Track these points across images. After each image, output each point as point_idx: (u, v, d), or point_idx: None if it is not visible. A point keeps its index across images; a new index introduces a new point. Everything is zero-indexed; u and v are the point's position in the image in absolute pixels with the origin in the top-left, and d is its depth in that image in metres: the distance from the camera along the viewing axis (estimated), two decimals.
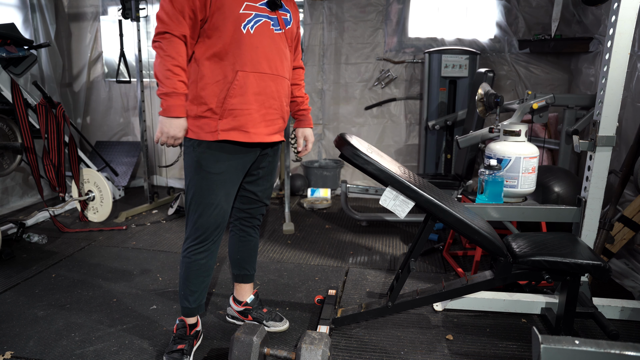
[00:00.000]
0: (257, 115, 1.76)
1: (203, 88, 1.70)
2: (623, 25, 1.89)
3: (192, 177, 1.79)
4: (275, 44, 1.75)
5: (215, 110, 1.71)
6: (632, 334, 2.07)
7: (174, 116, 1.66)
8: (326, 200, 4.17)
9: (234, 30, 1.66)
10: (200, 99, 1.71)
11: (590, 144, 2.04)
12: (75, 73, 4.68)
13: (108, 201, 3.59)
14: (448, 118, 3.93)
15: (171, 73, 1.62)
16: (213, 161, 1.76)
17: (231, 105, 1.71)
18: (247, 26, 1.68)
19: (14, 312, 2.26)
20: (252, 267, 2.13)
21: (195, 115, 1.73)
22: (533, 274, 1.86)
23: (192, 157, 1.77)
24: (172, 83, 1.63)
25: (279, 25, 1.76)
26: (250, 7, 1.68)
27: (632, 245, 2.69)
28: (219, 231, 1.85)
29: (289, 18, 1.81)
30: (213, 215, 1.80)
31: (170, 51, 1.62)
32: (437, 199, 1.79)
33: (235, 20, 1.66)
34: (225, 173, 1.78)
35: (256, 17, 1.69)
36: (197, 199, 1.79)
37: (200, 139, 1.74)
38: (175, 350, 1.87)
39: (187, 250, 1.85)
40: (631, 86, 2.90)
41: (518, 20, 4.07)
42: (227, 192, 1.81)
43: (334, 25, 4.38)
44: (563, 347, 1.17)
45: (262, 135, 1.79)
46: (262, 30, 1.71)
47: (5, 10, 3.89)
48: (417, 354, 1.94)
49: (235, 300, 2.16)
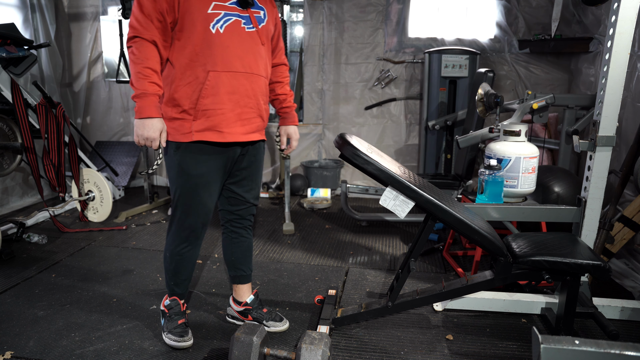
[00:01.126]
0: (231, 115, 1.76)
1: (176, 90, 1.73)
2: (623, 25, 1.89)
3: (176, 180, 1.83)
4: (247, 42, 1.75)
5: (189, 112, 1.73)
6: (632, 334, 2.07)
7: (145, 117, 1.67)
8: (326, 200, 4.17)
9: (203, 31, 1.68)
10: (174, 101, 1.74)
11: (590, 144, 2.04)
12: (75, 73, 4.68)
13: (108, 201, 3.59)
14: (448, 118, 3.93)
15: (141, 75, 1.64)
16: (193, 164, 1.79)
17: (204, 105, 1.72)
18: (216, 26, 1.68)
19: (14, 312, 2.26)
20: (247, 267, 2.13)
21: (170, 117, 1.76)
22: (533, 274, 1.86)
23: (173, 160, 1.81)
24: (142, 85, 1.65)
25: (252, 23, 1.76)
26: (219, 6, 1.68)
27: (632, 245, 2.69)
28: (204, 227, 1.93)
29: (262, 15, 1.80)
30: (199, 215, 1.86)
31: (140, 54, 1.64)
32: (437, 199, 1.79)
33: (204, 20, 1.67)
34: (206, 174, 1.81)
35: (225, 17, 1.69)
36: (182, 200, 1.84)
37: (176, 140, 1.77)
38: (177, 325, 1.96)
39: (174, 249, 1.92)
40: (631, 86, 2.90)
41: (518, 20, 4.07)
42: (210, 191, 1.85)
43: (334, 25, 4.38)
44: (563, 347, 1.17)
45: (237, 134, 1.80)
46: (233, 29, 1.71)
47: (5, 10, 3.89)
48: (417, 354, 1.94)
49: (234, 301, 2.17)
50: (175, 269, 1.96)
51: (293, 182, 4.35)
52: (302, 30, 4.53)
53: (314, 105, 4.59)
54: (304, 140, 4.66)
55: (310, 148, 4.69)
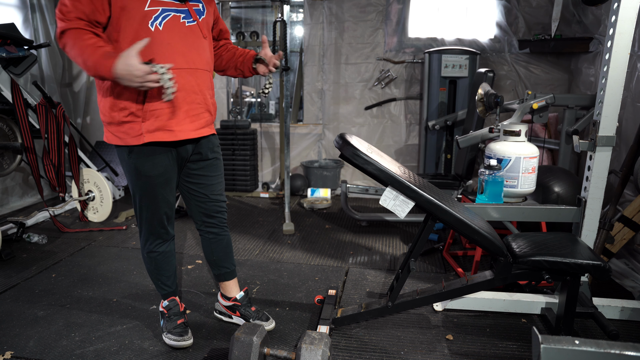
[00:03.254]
0: (179, 112, 1.74)
1: (120, 94, 1.68)
2: (623, 25, 1.89)
3: (135, 183, 1.83)
4: (188, 37, 1.72)
5: (136, 114, 1.70)
6: (632, 334, 2.07)
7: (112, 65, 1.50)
8: (326, 200, 4.17)
9: (141, 29, 1.62)
10: (120, 105, 1.69)
11: (590, 144, 2.04)
12: (75, 73, 4.67)
13: (108, 201, 3.59)
14: (448, 118, 3.93)
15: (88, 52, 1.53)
16: (150, 165, 1.78)
17: (152, 106, 1.69)
18: (155, 23, 1.64)
19: (14, 312, 2.26)
20: (230, 263, 2.13)
21: (118, 121, 1.72)
22: (533, 274, 1.86)
23: (129, 164, 1.79)
24: (92, 52, 1.53)
25: (191, 16, 1.72)
26: (155, 2, 1.63)
27: (632, 245, 2.69)
28: (171, 221, 1.94)
29: (201, 8, 1.77)
30: (163, 211, 1.88)
31: (76, 41, 1.55)
32: (437, 199, 1.79)
33: (142, 18, 1.62)
34: (164, 173, 1.82)
35: (164, 13, 1.65)
36: (145, 201, 1.85)
37: (128, 144, 1.74)
38: (177, 325, 1.97)
39: (150, 248, 1.95)
40: (631, 86, 2.90)
41: (518, 20, 4.07)
42: (170, 187, 1.87)
43: (334, 25, 4.38)
44: (563, 347, 1.17)
45: (187, 131, 1.78)
46: (172, 25, 1.67)
47: (5, 10, 3.89)
48: (417, 354, 1.94)
49: (223, 296, 2.18)
50: (157, 267, 1.98)
51: (293, 182, 4.35)
52: (302, 30, 4.53)
53: (314, 105, 4.59)
54: (304, 140, 4.66)
55: (310, 148, 4.69)
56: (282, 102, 4.16)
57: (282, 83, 3.95)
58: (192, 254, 3.01)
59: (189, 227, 3.50)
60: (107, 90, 1.70)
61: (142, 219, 1.90)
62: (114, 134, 1.76)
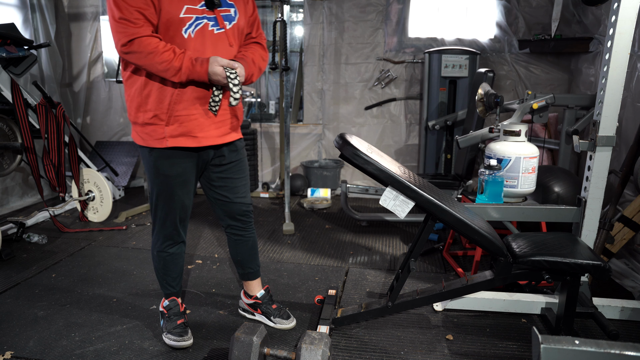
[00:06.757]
0: (204, 119, 1.77)
1: (148, 95, 1.72)
2: (623, 25, 1.89)
3: (154, 180, 1.85)
4: (216, 44, 1.73)
5: (161, 117, 1.73)
6: (632, 334, 2.07)
7: (205, 70, 1.64)
8: (326, 200, 4.17)
9: (176, 36, 1.66)
10: (146, 106, 1.73)
11: (590, 144, 2.04)
12: (75, 73, 4.67)
13: (108, 201, 3.59)
14: (448, 118, 3.93)
15: (167, 57, 1.60)
16: (169, 165, 1.80)
17: (176, 111, 1.72)
18: (188, 31, 1.67)
19: (14, 312, 2.26)
20: (255, 264, 2.17)
21: (142, 122, 1.76)
22: (533, 274, 1.86)
23: (149, 162, 1.82)
24: (175, 61, 1.61)
25: (219, 24, 1.73)
26: (190, 10, 1.66)
27: (632, 245, 2.69)
28: (184, 224, 1.95)
29: (233, 13, 1.77)
30: (178, 212, 1.89)
31: (147, 47, 1.59)
32: (437, 199, 1.79)
33: (177, 25, 1.65)
34: (182, 174, 1.83)
35: (196, 21, 1.68)
36: (161, 199, 1.86)
37: (149, 146, 1.78)
38: (177, 325, 1.98)
39: (160, 247, 1.95)
40: (631, 86, 2.90)
41: (518, 20, 4.07)
42: (187, 189, 1.87)
43: (334, 25, 4.38)
44: (563, 347, 1.17)
45: (212, 138, 1.80)
46: (202, 32, 1.70)
47: (5, 10, 3.89)
48: (417, 354, 1.94)
49: (245, 294, 2.22)
50: (164, 267, 1.99)
51: (293, 182, 4.35)
52: (302, 30, 4.53)
53: (314, 105, 4.59)
54: (304, 140, 4.66)
55: (310, 148, 4.69)
56: (282, 102, 4.16)
57: (282, 83, 3.95)
58: (192, 253, 3.01)
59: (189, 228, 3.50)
60: (135, 91, 1.74)
61: (156, 218, 1.92)
62: (138, 133, 1.81)
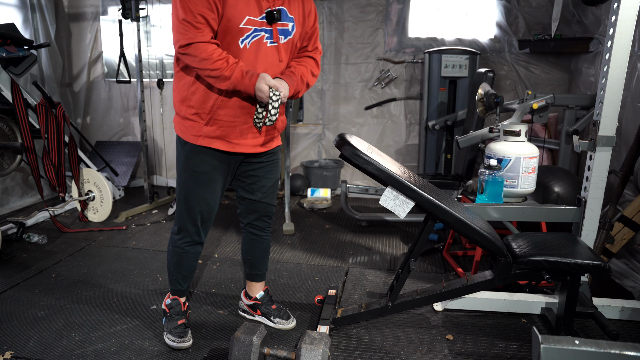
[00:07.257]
0: (244, 127, 1.79)
1: (194, 92, 1.75)
2: (623, 25, 1.89)
3: (181, 174, 1.88)
4: (268, 58, 1.74)
5: (202, 116, 1.76)
6: (632, 334, 2.07)
7: (253, 84, 1.65)
8: (326, 200, 4.17)
9: (233, 44, 1.68)
10: (190, 102, 1.76)
11: (590, 144, 2.04)
12: (75, 73, 4.67)
13: (108, 201, 3.59)
14: (448, 118, 3.93)
15: (219, 65, 1.62)
16: (199, 161, 1.82)
17: (218, 115, 1.75)
18: (245, 41, 1.68)
19: (14, 312, 2.26)
20: (263, 267, 2.18)
21: (183, 116, 1.80)
22: (533, 274, 1.86)
23: (181, 154, 1.85)
24: (226, 71, 1.63)
25: (273, 38, 1.73)
26: (251, 21, 1.66)
27: (632, 245, 2.69)
28: (206, 225, 1.95)
29: (290, 28, 1.76)
30: (200, 210, 1.89)
31: (203, 52, 1.61)
32: (437, 199, 1.79)
33: (236, 34, 1.66)
34: (210, 172, 1.84)
35: (254, 32, 1.69)
36: (185, 193, 1.88)
37: (186, 140, 1.81)
38: (177, 325, 1.98)
39: (178, 243, 1.95)
40: (631, 86, 2.90)
41: (518, 20, 4.07)
42: (213, 189, 1.88)
43: (334, 25, 4.38)
44: (563, 347, 1.17)
45: (247, 146, 1.83)
46: (257, 45, 1.71)
47: (5, 10, 3.89)
48: (417, 354, 1.94)
49: (246, 295, 2.22)
50: (177, 262, 1.98)
51: (293, 182, 4.35)
52: None
53: (314, 105, 4.59)
54: (304, 140, 4.66)
55: (310, 148, 4.69)
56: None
57: None
58: None
59: None
60: (183, 85, 1.77)
61: (179, 211, 1.93)
62: (178, 124, 1.84)
